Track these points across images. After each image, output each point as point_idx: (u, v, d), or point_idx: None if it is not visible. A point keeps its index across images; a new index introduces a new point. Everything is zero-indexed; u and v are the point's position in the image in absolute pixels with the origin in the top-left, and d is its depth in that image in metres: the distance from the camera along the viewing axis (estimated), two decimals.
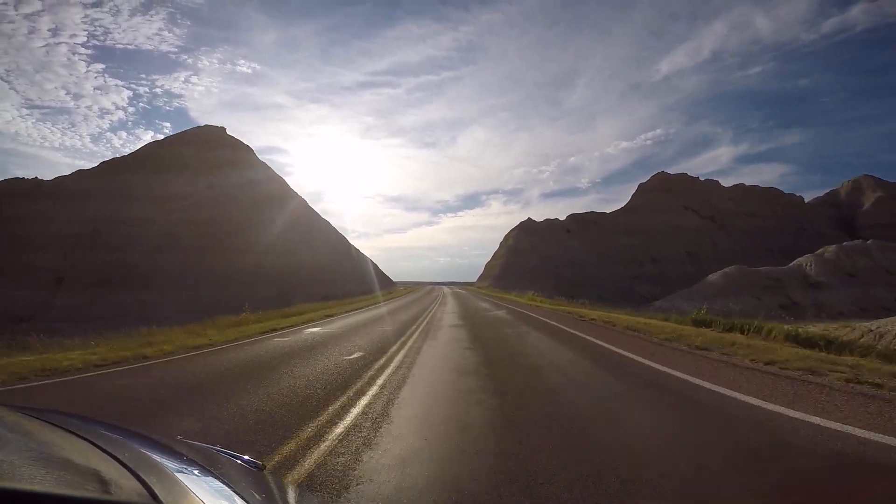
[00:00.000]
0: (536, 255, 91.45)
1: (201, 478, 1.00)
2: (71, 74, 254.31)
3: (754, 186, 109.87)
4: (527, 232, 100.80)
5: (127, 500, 0.76)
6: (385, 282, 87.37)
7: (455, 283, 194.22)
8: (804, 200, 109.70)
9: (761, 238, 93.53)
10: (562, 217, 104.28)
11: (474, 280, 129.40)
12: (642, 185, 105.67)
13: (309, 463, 3.30)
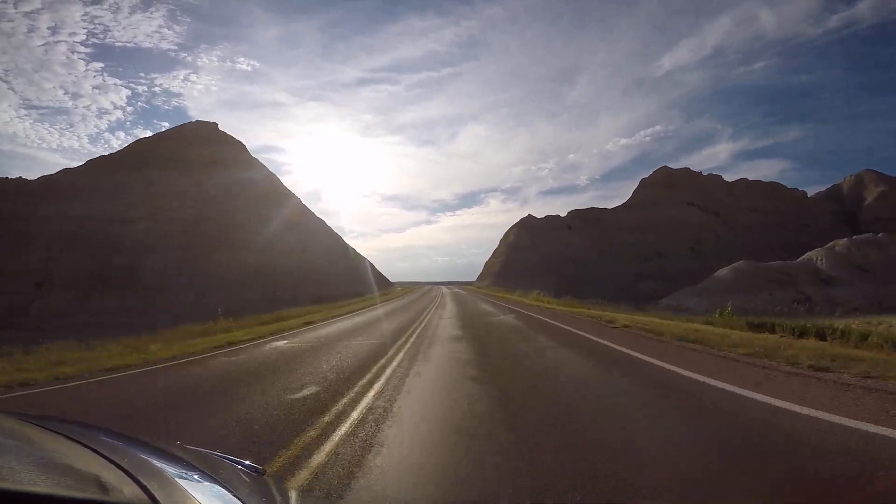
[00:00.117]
0: (537, 252, 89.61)
1: (202, 483, 0.99)
2: (70, 73, 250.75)
3: (757, 181, 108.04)
4: (527, 229, 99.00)
5: None
6: (382, 283, 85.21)
7: (454, 283, 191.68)
8: (807, 195, 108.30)
9: (763, 233, 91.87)
10: (561, 214, 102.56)
11: (474, 279, 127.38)
12: (644, 181, 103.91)
13: None
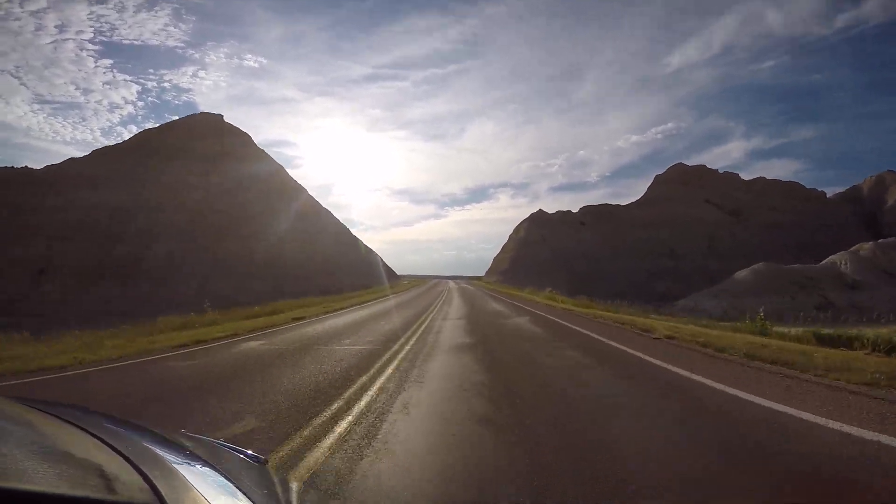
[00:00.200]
0: (548, 247, 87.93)
1: (204, 472, 0.98)
2: (80, 70, 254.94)
3: (776, 180, 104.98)
4: (538, 224, 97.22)
5: (129, 499, 0.75)
6: (389, 276, 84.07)
7: (462, 277, 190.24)
8: (826, 195, 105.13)
9: (780, 233, 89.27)
10: (572, 210, 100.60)
11: (482, 274, 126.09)
12: (659, 177, 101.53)
13: None
